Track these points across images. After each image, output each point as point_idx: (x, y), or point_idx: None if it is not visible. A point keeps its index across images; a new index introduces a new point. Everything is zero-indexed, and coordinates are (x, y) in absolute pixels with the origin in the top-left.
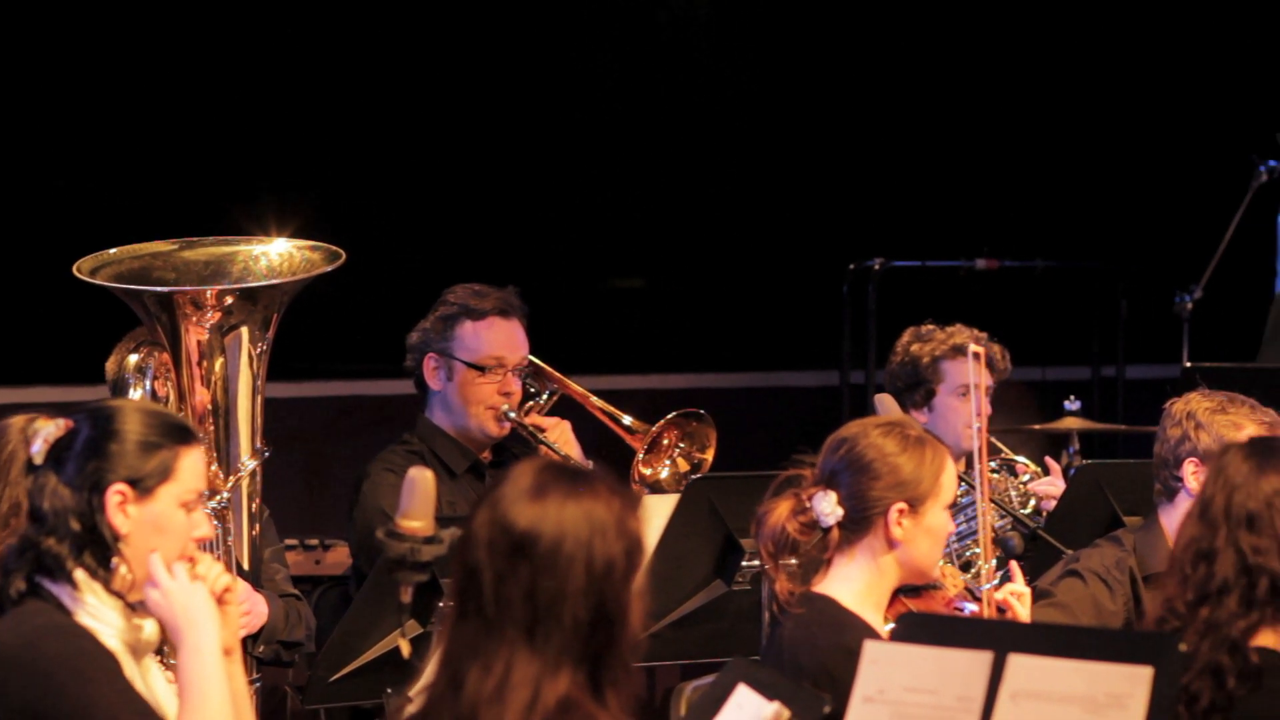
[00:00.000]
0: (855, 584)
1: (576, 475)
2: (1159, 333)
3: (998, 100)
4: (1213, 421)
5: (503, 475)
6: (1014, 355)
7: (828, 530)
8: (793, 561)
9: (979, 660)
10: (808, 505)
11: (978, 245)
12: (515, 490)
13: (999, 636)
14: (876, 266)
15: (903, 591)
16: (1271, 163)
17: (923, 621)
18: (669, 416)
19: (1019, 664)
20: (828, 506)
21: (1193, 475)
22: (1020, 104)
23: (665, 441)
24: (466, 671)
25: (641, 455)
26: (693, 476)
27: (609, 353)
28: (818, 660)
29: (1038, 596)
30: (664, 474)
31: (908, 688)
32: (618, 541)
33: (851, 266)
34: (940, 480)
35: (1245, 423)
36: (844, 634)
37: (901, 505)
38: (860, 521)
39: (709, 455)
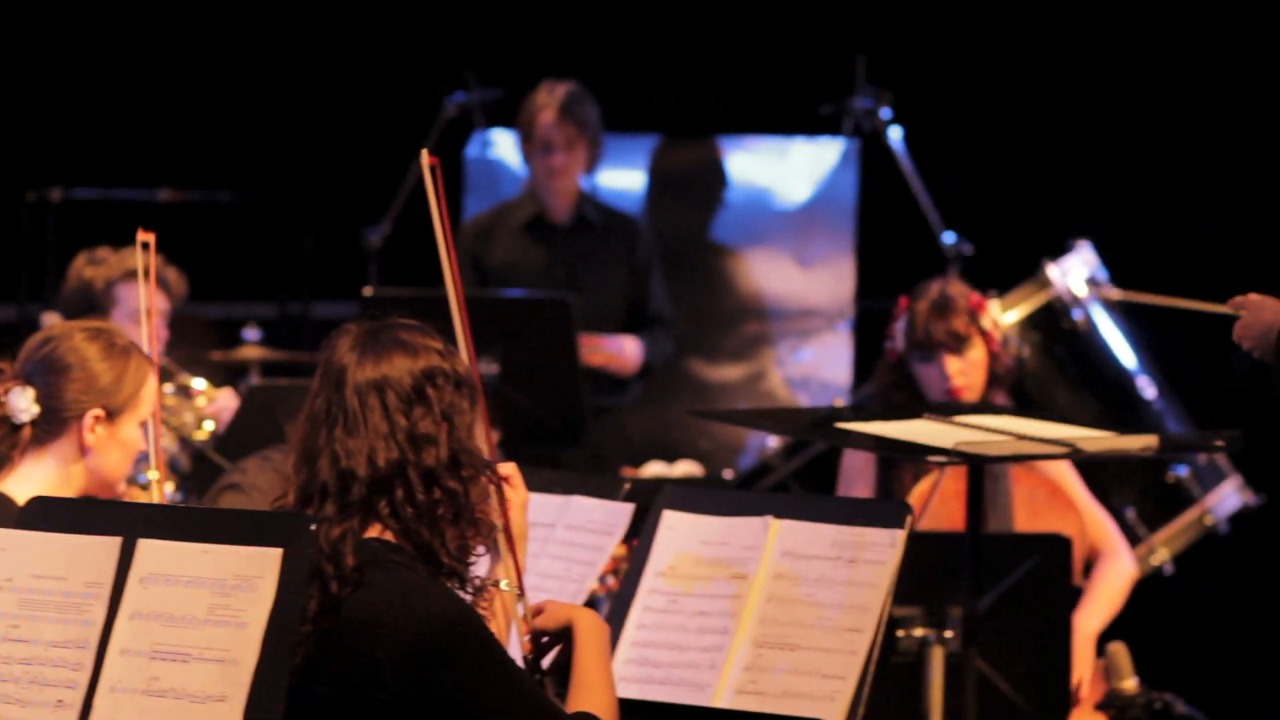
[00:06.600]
0: (36, 486)
1: None
2: (347, 267)
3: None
4: None
5: None
6: (200, 291)
7: (20, 427)
8: None
9: (108, 545)
10: (3, 399)
11: (161, 176)
12: None
13: (129, 522)
14: (55, 197)
15: None
16: (460, 96)
17: (52, 506)
18: None
19: (149, 548)
20: (24, 403)
21: None
22: (233, 37)
23: None
24: None
25: None
26: None
27: None
28: None
29: None
30: None
31: (36, 574)
32: None
33: (29, 197)
34: (140, 394)
35: None
36: None
37: (98, 412)
38: (54, 423)
39: None
